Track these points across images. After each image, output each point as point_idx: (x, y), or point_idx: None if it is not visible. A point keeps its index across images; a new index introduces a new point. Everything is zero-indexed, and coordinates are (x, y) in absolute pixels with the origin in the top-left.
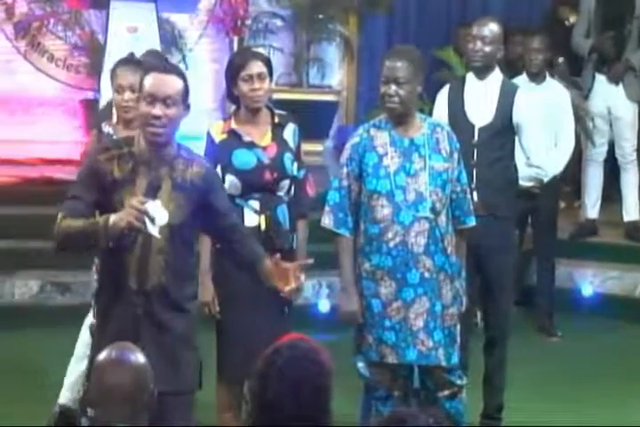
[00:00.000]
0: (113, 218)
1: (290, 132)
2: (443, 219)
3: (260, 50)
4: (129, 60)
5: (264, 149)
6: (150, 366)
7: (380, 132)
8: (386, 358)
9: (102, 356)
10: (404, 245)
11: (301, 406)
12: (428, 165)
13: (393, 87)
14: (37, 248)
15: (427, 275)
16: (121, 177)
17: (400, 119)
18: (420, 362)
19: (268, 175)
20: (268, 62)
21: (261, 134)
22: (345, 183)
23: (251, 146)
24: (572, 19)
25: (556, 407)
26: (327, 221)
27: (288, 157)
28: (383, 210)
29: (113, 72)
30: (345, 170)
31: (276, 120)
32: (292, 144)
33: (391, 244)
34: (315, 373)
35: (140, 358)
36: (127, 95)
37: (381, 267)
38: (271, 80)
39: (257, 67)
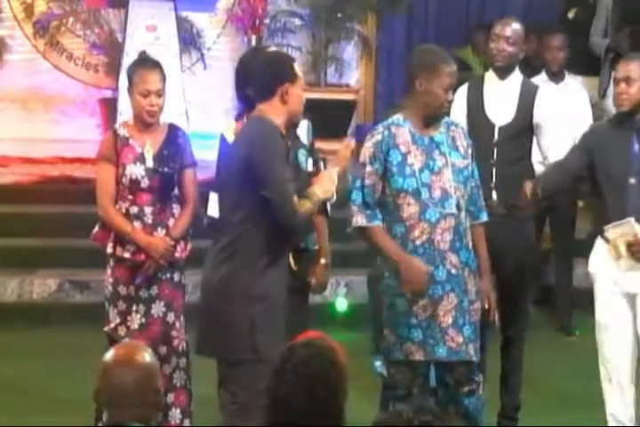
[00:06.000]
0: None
1: (303, 128)
2: (464, 215)
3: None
4: (148, 61)
5: None
6: None
7: (401, 130)
8: (412, 355)
9: (108, 356)
10: (431, 243)
11: (313, 403)
12: (450, 163)
13: (452, 95)
14: (56, 247)
15: (453, 271)
16: None
17: (433, 120)
18: (451, 358)
19: None
20: None
21: None
22: (368, 182)
23: None
24: (571, 14)
25: (575, 407)
26: (360, 219)
27: (302, 153)
28: (409, 208)
29: (135, 74)
30: (368, 169)
31: None
32: (305, 140)
33: (417, 242)
34: (328, 371)
35: (145, 356)
36: (154, 100)
37: None
38: None
39: None
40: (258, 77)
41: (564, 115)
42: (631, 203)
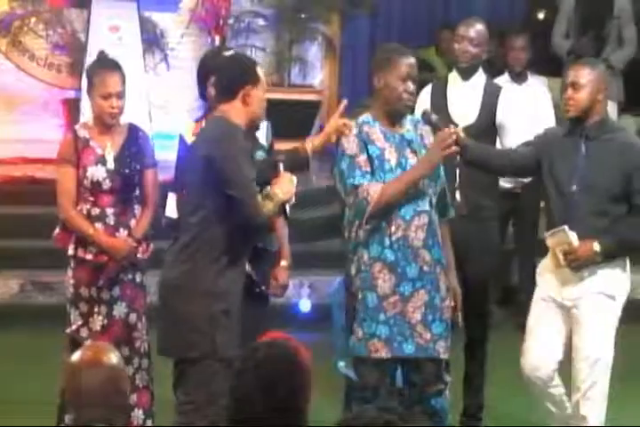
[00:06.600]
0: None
1: (262, 129)
2: (434, 212)
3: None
4: (108, 62)
5: None
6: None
7: (373, 129)
8: (378, 352)
9: (75, 357)
10: (405, 240)
11: (274, 403)
12: None
13: (412, 86)
14: (19, 248)
15: (425, 268)
16: None
17: (402, 117)
18: (418, 355)
19: None
20: None
21: None
22: (367, 169)
23: None
24: (541, 14)
25: (536, 405)
26: (375, 187)
27: (260, 154)
28: None
29: (95, 76)
30: (362, 157)
31: None
32: (264, 141)
33: (393, 238)
34: (290, 373)
35: (113, 358)
36: (115, 102)
37: (381, 260)
38: None
39: None
40: (220, 78)
41: (527, 115)
42: (572, 210)
